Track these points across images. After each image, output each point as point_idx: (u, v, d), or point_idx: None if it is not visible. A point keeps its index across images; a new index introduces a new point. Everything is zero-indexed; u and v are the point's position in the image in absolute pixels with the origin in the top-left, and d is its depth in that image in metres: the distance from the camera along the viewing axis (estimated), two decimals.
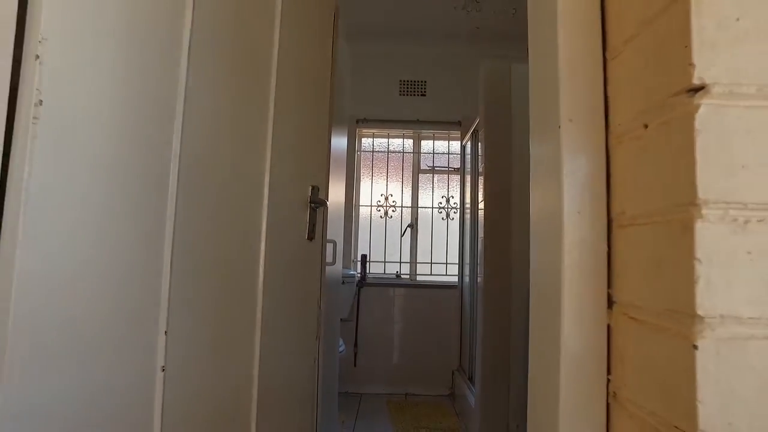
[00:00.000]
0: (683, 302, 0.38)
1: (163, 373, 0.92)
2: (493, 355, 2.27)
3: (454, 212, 3.59)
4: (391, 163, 3.63)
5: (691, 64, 0.38)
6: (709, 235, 0.37)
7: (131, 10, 0.79)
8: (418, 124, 3.51)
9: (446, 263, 3.59)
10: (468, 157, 3.19)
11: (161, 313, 0.92)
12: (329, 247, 1.77)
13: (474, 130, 2.91)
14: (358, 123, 3.45)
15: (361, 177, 3.60)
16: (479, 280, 2.49)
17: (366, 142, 3.63)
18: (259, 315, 1.17)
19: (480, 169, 2.67)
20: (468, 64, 3.33)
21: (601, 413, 0.50)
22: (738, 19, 0.38)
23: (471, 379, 2.88)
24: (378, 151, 3.64)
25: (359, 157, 3.59)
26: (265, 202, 1.18)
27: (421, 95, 3.52)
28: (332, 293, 1.94)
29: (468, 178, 3.15)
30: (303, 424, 1.44)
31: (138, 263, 0.88)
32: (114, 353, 0.84)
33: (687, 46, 0.39)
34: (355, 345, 3.35)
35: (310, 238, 1.34)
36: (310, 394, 1.50)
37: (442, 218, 3.61)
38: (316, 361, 1.54)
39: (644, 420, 0.43)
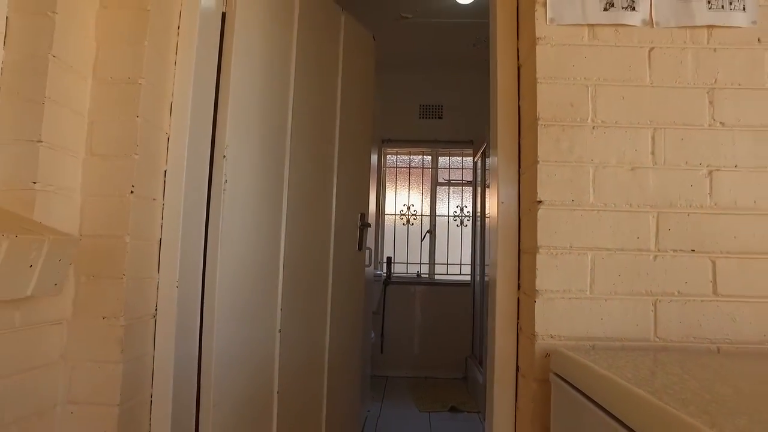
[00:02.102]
0: (533, 285, 1.02)
1: (279, 334, 1.59)
2: None
3: (468, 220, 4.21)
4: (412, 177, 4.28)
5: (536, 192, 1.02)
6: (541, 259, 1.01)
7: (263, 126, 1.48)
8: (435, 143, 4.15)
9: (460, 264, 4.22)
10: (479, 172, 3.79)
11: (279, 297, 1.59)
12: (366, 252, 2.42)
13: (484, 149, 3.51)
14: (383, 143, 4.10)
15: (386, 189, 4.25)
16: (487, 279, 3.10)
17: (390, 158, 4.28)
18: (329, 301, 1.83)
19: (488, 183, 3.27)
20: (479, 90, 3.93)
21: (513, 337, 1.13)
22: (555, 175, 1.02)
23: (481, 363, 3.50)
24: (401, 167, 4.29)
25: (384, 172, 4.24)
26: (332, 225, 1.84)
27: (438, 118, 4.15)
28: (367, 290, 2.59)
29: (479, 190, 3.77)
30: (354, 386, 2.09)
31: (268, 267, 1.55)
32: (256, 320, 1.51)
33: (535, 185, 1.02)
34: (382, 335, 4.01)
35: (360, 249, 2.00)
36: (358, 364, 2.14)
37: (457, 225, 4.24)
38: (365, 338, 2.20)
39: (526, 336, 1.07)
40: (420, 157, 4.29)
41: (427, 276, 4.26)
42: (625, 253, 1.01)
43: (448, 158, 4.28)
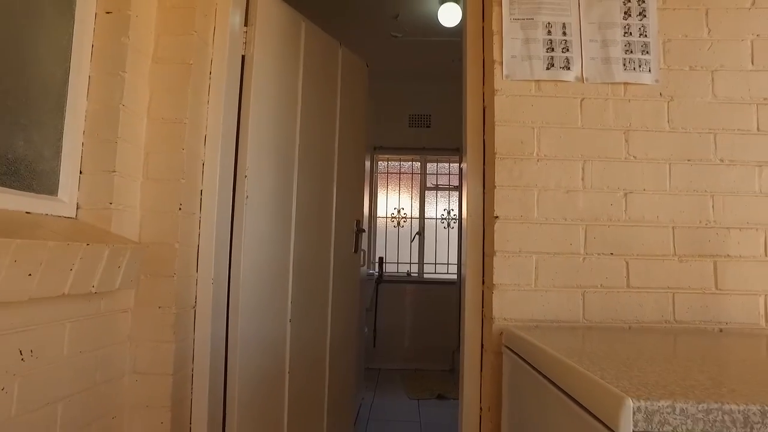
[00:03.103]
0: (492, 280, 1.36)
1: (290, 323, 1.91)
2: None
3: (454, 222, 4.56)
4: (402, 182, 4.62)
5: (494, 209, 1.36)
6: (497, 261, 1.35)
7: (276, 149, 1.81)
8: (423, 151, 4.49)
9: (447, 264, 4.57)
10: None
11: (289, 292, 1.91)
12: (360, 254, 2.75)
13: None
14: (375, 150, 4.43)
15: (378, 193, 4.59)
16: None
17: (382, 164, 4.62)
18: (330, 296, 2.16)
19: None
20: None
21: (479, 321, 1.48)
22: (508, 196, 1.36)
23: None
24: (392, 172, 4.63)
25: (376, 177, 4.57)
26: (333, 230, 2.17)
27: (427, 127, 4.49)
28: (361, 287, 2.92)
29: None
30: (351, 371, 2.42)
31: (281, 266, 1.87)
32: (271, 311, 1.83)
33: (493, 206, 1.37)
34: (375, 330, 4.35)
35: (355, 251, 2.34)
36: (354, 352, 2.48)
37: (444, 227, 4.59)
38: (360, 331, 2.53)
39: (489, 319, 1.41)
40: (410, 163, 4.64)
41: (416, 275, 4.60)
42: (561, 256, 1.36)
43: (435, 164, 4.63)
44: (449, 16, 3.18)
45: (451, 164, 4.60)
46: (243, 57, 1.77)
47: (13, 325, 0.97)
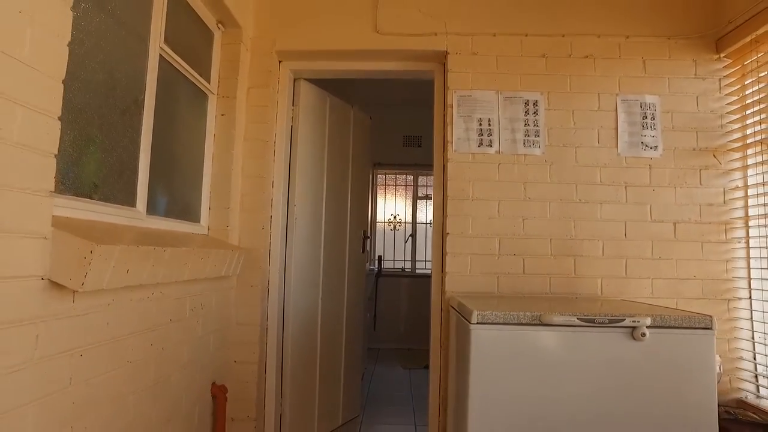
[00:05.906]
0: (446, 269, 2.43)
1: (320, 299, 3.00)
2: None
3: None
4: (397, 192, 5.68)
5: (447, 229, 2.44)
6: (449, 258, 2.43)
7: (311, 186, 2.92)
8: (415, 166, 5.55)
9: None
10: None
11: (320, 278, 3.00)
12: (366, 253, 3.81)
13: None
14: (375, 166, 5.50)
15: (377, 202, 5.65)
16: None
17: (380, 177, 5.68)
18: (346, 284, 3.24)
19: None
20: None
21: (440, 294, 2.56)
22: (455, 221, 2.43)
23: None
24: (389, 184, 5.69)
25: (375, 188, 5.63)
26: (348, 237, 3.25)
27: (418, 146, 5.55)
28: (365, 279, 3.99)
29: None
30: (359, 337, 3.50)
31: (315, 261, 2.97)
32: (309, 291, 2.94)
33: (446, 227, 2.44)
34: (375, 316, 5.42)
35: (363, 251, 3.42)
36: (361, 325, 3.55)
37: None
38: (365, 313, 3.61)
39: (444, 292, 2.49)
40: (404, 176, 5.70)
41: (409, 270, 5.67)
42: (485, 256, 2.43)
43: (426, 177, 5.70)
44: None
45: None
46: (291, 127, 2.83)
47: (198, 291, 2.04)
